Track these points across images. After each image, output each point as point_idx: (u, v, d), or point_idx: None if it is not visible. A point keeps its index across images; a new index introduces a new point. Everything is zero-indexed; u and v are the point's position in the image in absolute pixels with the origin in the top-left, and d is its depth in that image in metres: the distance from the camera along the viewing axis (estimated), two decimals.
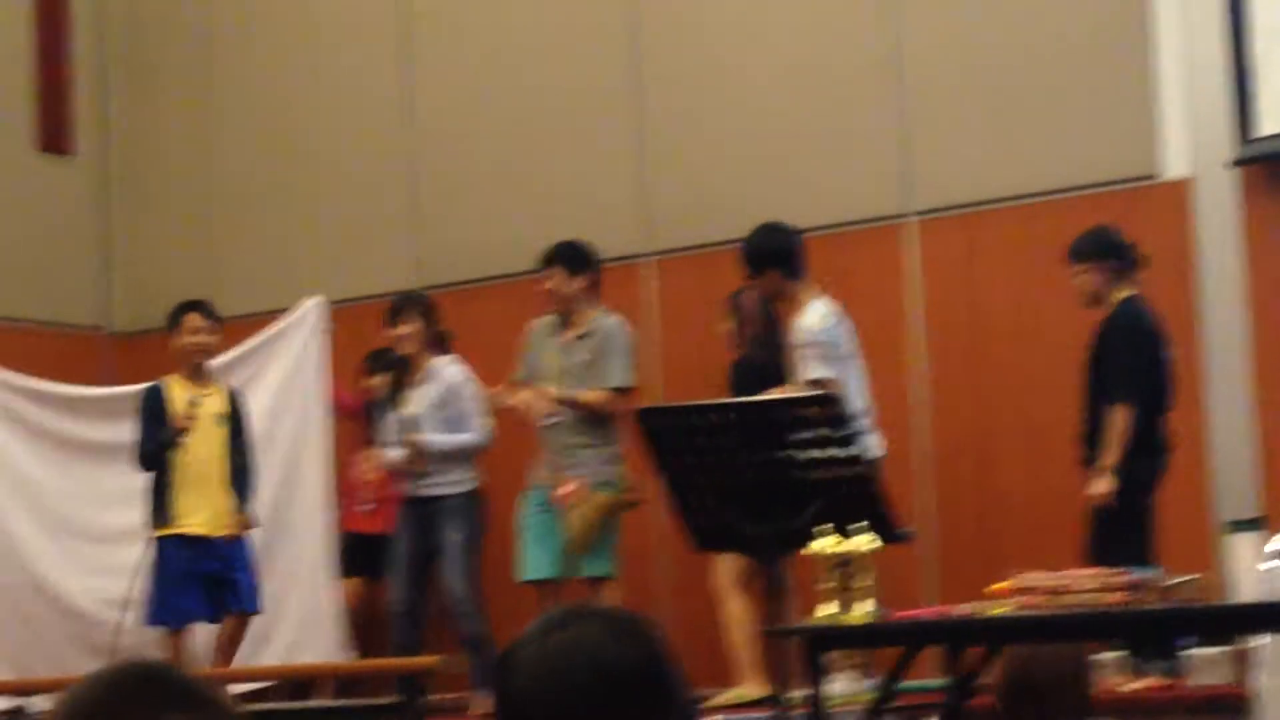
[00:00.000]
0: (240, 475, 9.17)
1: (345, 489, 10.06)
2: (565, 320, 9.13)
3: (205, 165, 11.70)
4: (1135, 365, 8.05)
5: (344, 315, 10.13)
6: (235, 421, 9.21)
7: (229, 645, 9.20)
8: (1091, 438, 8.09)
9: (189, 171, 11.77)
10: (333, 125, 11.28)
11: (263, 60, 11.60)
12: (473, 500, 9.44)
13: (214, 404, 9.16)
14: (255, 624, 9.34)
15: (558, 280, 9.07)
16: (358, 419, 10.09)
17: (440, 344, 9.54)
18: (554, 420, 8.94)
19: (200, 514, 9.01)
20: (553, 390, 8.96)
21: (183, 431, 9.03)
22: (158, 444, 9.04)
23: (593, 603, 2.23)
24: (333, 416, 9.99)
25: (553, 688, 2.34)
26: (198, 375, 9.18)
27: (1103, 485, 7.94)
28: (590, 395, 8.97)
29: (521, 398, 8.98)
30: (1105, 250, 8.20)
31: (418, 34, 11.05)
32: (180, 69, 11.89)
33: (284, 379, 9.89)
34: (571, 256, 9.14)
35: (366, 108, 11.19)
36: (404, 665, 8.78)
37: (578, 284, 9.11)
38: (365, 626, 9.98)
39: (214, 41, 11.77)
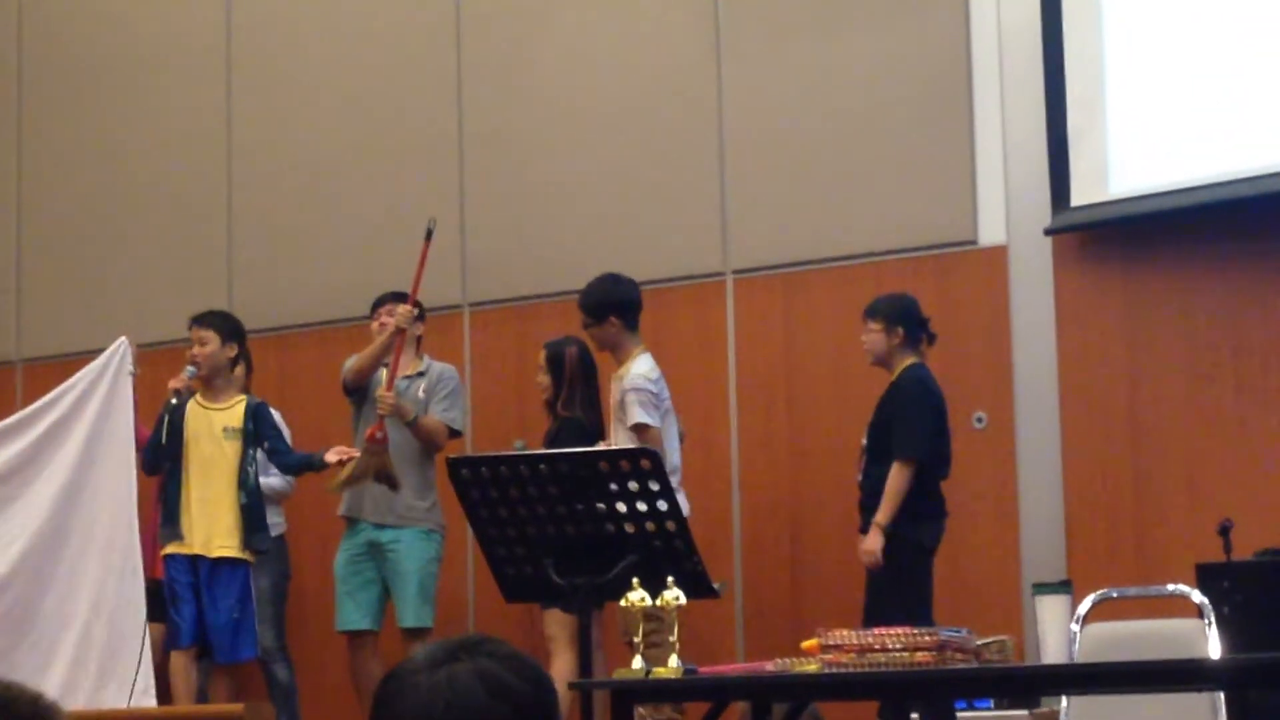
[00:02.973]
0: (250, 503, 8.61)
1: (152, 534, 9.85)
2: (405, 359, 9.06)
3: (12, 203, 11.51)
4: (921, 426, 8.11)
5: (159, 357, 9.96)
6: (252, 438, 8.63)
7: (219, 695, 8.66)
8: (871, 503, 8.14)
9: None
10: (147, 166, 11.13)
11: (76, 96, 11.43)
12: (281, 546, 9.32)
13: (227, 417, 8.63)
14: (59, 668, 9.10)
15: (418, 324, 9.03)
16: None
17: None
18: (377, 448, 8.78)
19: (196, 531, 8.52)
20: (409, 407, 8.87)
21: (181, 399, 8.58)
22: (153, 437, 8.61)
23: (479, 637, 2.25)
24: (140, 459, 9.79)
25: (448, 716, 2.32)
26: (210, 388, 8.69)
27: (874, 543, 7.97)
28: (431, 420, 8.92)
29: (387, 396, 8.84)
30: (903, 316, 8.29)
31: (237, 76, 10.95)
32: None
33: (93, 424, 9.63)
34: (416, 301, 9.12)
35: (183, 150, 11.06)
36: (208, 712, 8.61)
37: (419, 329, 9.09)
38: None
39: (22, 77, 11.59)
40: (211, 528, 8.52)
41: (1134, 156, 8.76)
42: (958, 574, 8.78)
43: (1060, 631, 5.15)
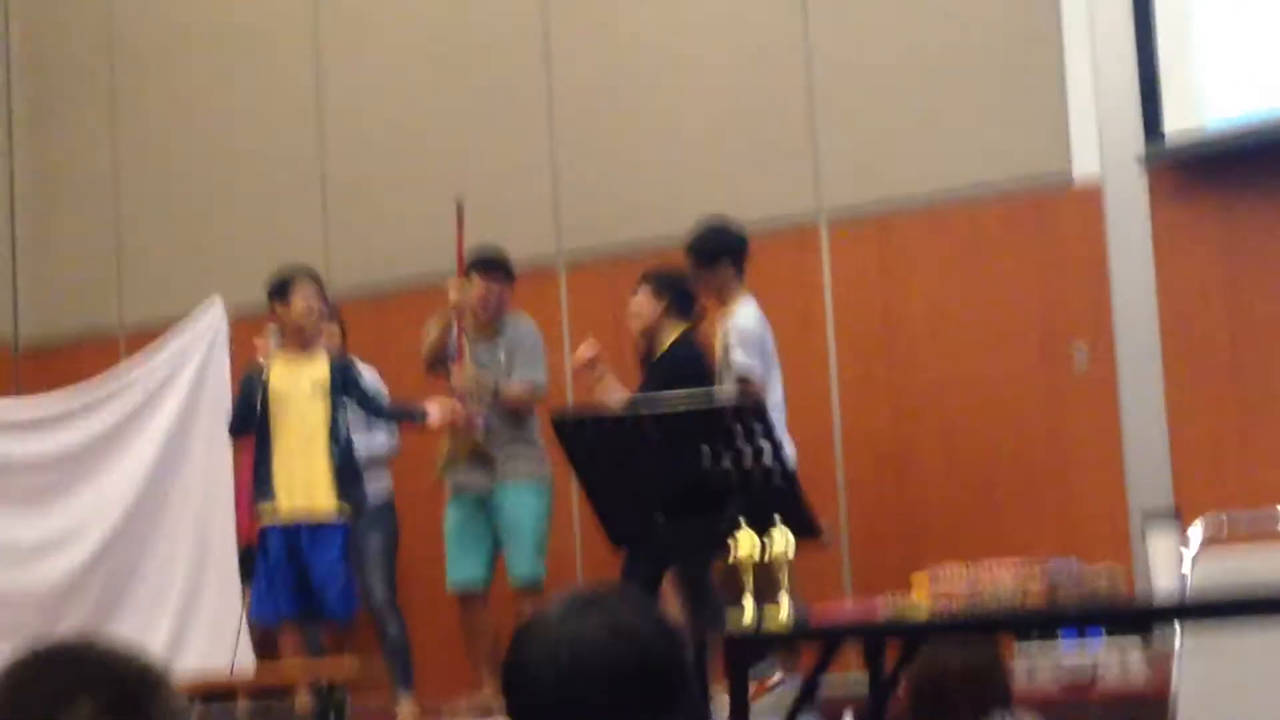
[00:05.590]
0: (343, 457, 8.61)
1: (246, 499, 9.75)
2: (480, 323, 9.06)
3: (108, 174, 11.60)
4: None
5: (256, 322, 9.99)
6: (340, 390, 8.62)
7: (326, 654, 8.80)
8: None
9: (94, 178, 11.66)
10: (242, 130, 11.20)
11: (168, 63, 11.51)
12: (390, 505, 9.38)
13: (313, 371, 8.61)
14: (162, 630, 9.16)
15: (498, 287, 9.02)
16: None
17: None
18: (481, 420, 8.81)
19: (291, 495, 8.51)
20: (487, 383, 8.87)
21: (261, 369, 8.62)
22: (241, 401, 8.65)
23: (612, 587, 2.31)
24: None
25: (580, 666, 2.36)
26: (299, 347, 8.69)
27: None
28: (515, 387, 8.91)
29: (466, 377, 8.85)
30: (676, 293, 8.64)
31: (327, 36, 11.00)
32: (84, 72, 11.79)
33: (190, 390, 9.65)
34: (507, 266, 9.11)
35: (276, 112, 11.13)
36: (319, 668, 8.67)
37: (509, 292, 9.07)
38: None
39: (115, 45, 11.67)
40: (306, 485, 8.53)
41: (1226, 85, 8.67)
42: (1065, 505, 8.77)
43: (1170, 560, 5.12)
